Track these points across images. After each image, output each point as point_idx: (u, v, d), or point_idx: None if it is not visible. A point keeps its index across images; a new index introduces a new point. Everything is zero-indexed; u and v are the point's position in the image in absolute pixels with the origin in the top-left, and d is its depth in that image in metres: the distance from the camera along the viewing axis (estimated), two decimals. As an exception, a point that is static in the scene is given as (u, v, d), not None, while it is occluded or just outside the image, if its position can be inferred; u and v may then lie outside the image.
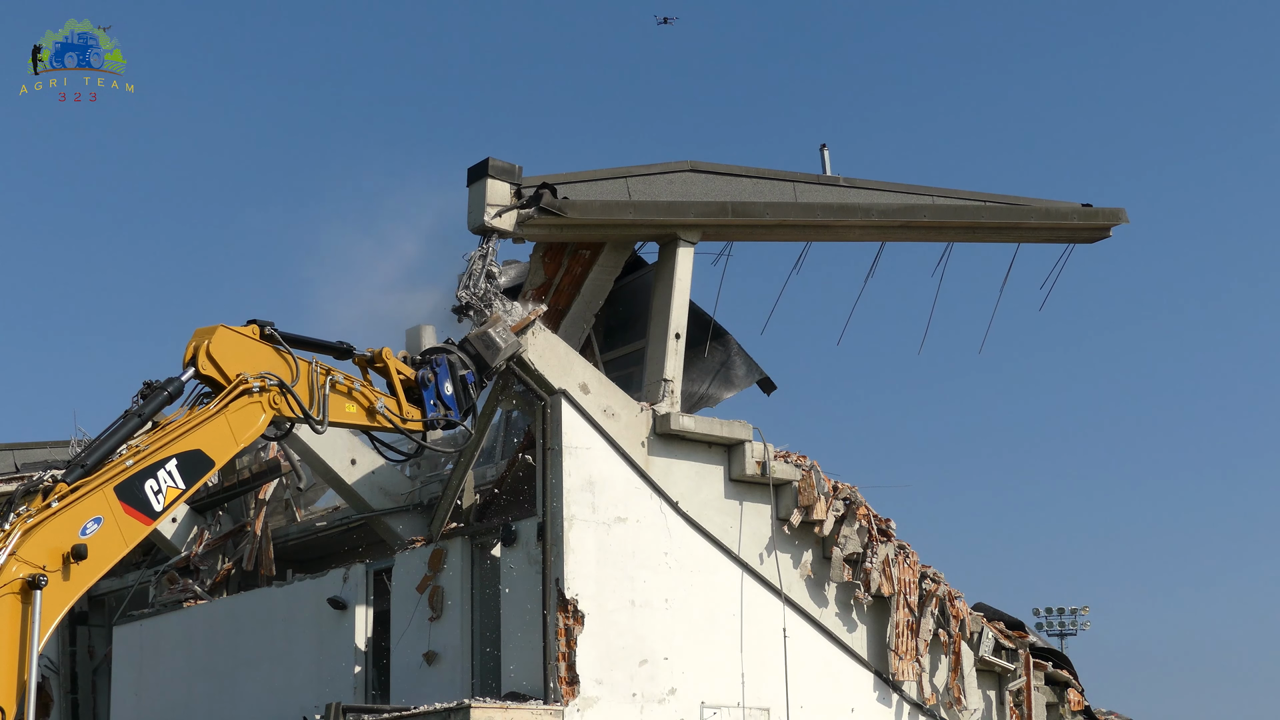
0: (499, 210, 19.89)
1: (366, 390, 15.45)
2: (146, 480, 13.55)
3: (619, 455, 20.23)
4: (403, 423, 15.72)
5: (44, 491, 13.09)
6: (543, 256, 21.66)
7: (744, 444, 21.07)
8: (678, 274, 21.13)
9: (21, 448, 29.83)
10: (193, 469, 13.89)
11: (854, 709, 21.63)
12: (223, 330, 14.44)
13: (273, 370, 14.60)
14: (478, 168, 20.07)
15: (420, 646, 21.21)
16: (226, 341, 14.44)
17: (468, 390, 16.39)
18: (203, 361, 14.27)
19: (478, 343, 16.71)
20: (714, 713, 20.43)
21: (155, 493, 13.57)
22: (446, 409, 16.09)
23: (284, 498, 25.53)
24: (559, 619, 19.41)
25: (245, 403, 14.32)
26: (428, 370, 15.92)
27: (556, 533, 19.64)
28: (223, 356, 14.35)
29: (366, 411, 15.46)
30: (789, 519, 21.33)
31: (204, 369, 14.30)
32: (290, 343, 14.88)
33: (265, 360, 14.67)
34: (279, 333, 14.82)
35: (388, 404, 15.58)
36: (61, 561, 12.86)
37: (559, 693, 19.27)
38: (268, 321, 14.76)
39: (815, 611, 21.55)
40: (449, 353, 16.38)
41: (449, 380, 16.09)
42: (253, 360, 14.57)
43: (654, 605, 20.22)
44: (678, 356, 21.07)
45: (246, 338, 14.64)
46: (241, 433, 14.35)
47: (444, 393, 16.06)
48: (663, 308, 21.15)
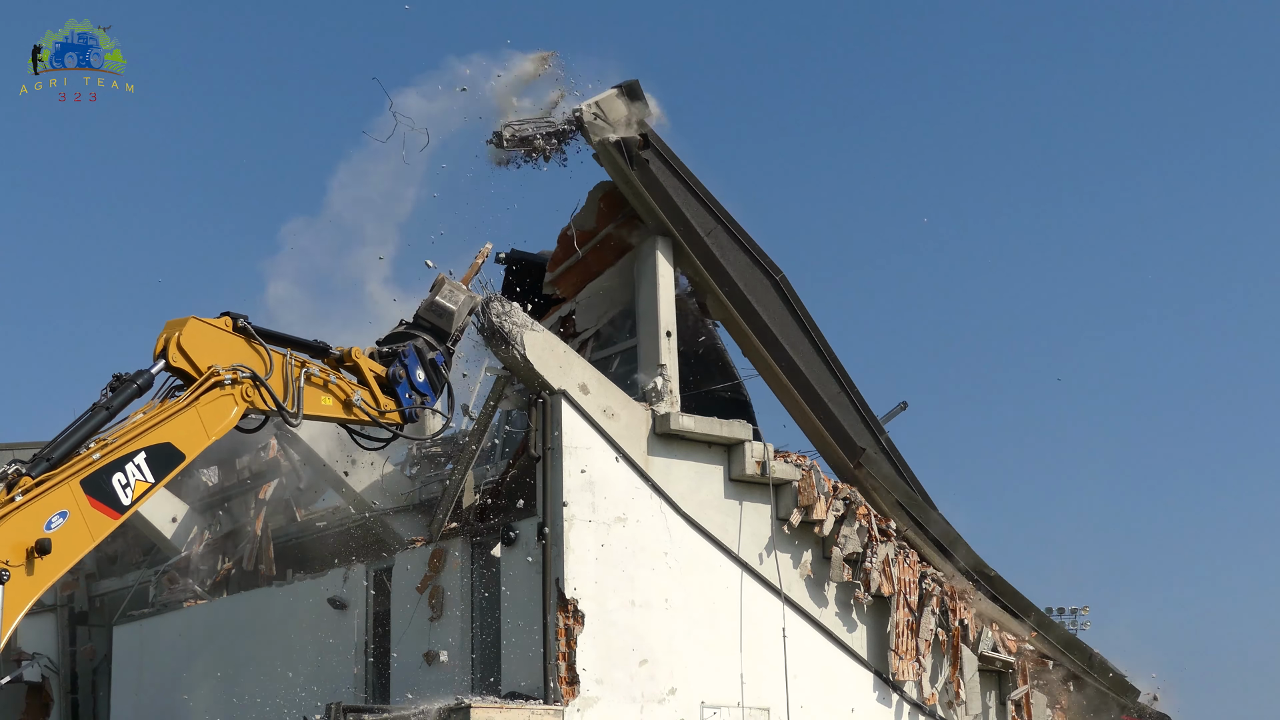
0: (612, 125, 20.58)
1: (343, 383, 15.10)
2: (114, 474, 13.11)
3: (619, 455, 20.23)
4: (380, 415, 15.36)
5: (8, 485, 12.69)
6: (601, 199, 21.70)
7: (744, 444, 21.08)
8: (660, 271, 21.09)
9: (21, 447, 29.80)
10: (163, 462, 13.46)
11: (854, 709, 21.63)
12: (194, 322, 14.07)
13: (245, 363, 14.21)
14: (630, 85, 20.97)
15: (420, 646, 21.21)
16: (198, 333, 14.06)
17: (438, 371, 15.94)
18: (173, 354, 13.87)
19: (429, 315, 16.10)
20: (714, 713, 20.43)
21: (123, 486, 13.15)
22: (423, 396, 15.72)
23: (284, 498, 25.53)
24: (559, 619, 19.41)
25: (217, 395, 13.91)
26: (397, 366, 15.55)
27: (556, 533, 19.65)
28: (194, 348, 13.96)
29: (343, 404, 15.11)
30: (789, 519, 21.33)
31: (175, 361, 13.88)
32: (264, 337, 14.50)
33: (238, 353, 14.28)
34: (252, 326, 14.45)
35: (364, 396, 15.22)
36: (25, 556, 12.56)
37: (559, 693, 19.27)
38: (241, 314, 14.41)
39: (815, 611, 21.56)
40: (413, 338, 15.92)
41: (419, 367, 15.71)
42: (225, 353, 14.18)
43: (654, 605, 20.22)
44: (671, 355, 21.06)
45: (219, 330, 14.26)
46: (213, 425, 13.89)
47: (417, 382, 15.68)
48: (649, 307, 21.10)
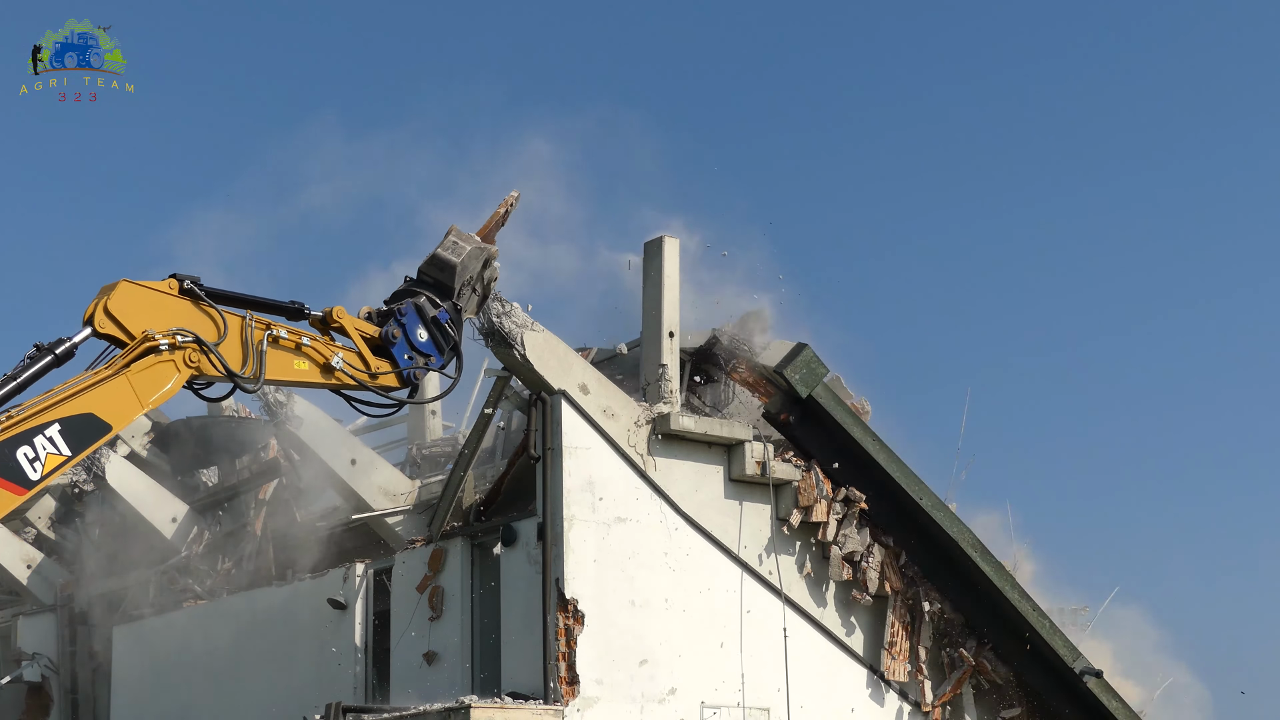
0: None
1: (319, 345, 13.66)
2: (19, 447, 12.12)
3: (619, 455, 20.22)
4: (371, 379, 13.88)
5: None
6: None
7: (744, 444, 21.05)
8: (665, 270, 21.06)
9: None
10: (82, 434, 12.40)
11: (854, 709, 21.62)
12: (125, 284, 12.87)
13: (193, 327, 12.97)
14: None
15: (420, 646, 21.21)
16: (130, 296, 12.85)
17: (443, 329, 14.28)
18: (100, 319, 12.68)
19: (431, 270, 14.41)
20: (714, 713, 20.43)
21: (31, 460, 12.14)
22: (426, 357, 14.16)
23: (284, 498, 25.52)
24: (559, 619, 19.41)
25: (152, 361, 12.75)
26: (392, 326, 14.02)
27: (556, 533, 19.64)
28: (125, 313, 12.77)
29: (322, 368, 13.65)
30: (789, 519, 21.32)
31: (102, 327, 12.71)
32: (222, 300, 13.25)
33: (183, 317, 13.03)
34: (205, 287, 13.19)
35: (347, 358, 13.78)
36: None
37: (559, 693, 19.26)
38: (190, 275, 13.16)
39: (815, 611, 21.53)
40: (415, 295, 14.27)
41: (420, 326, 14.13)
42: (168, 317, 12.97)
43: (654, 605, 20.22)
44: (674, 355, 21.04)
45: (159, 292, 13.04)
46: (147, 394, 12.77)
47: (417, 341, 14.10)
48: (653, 306, 21.09)
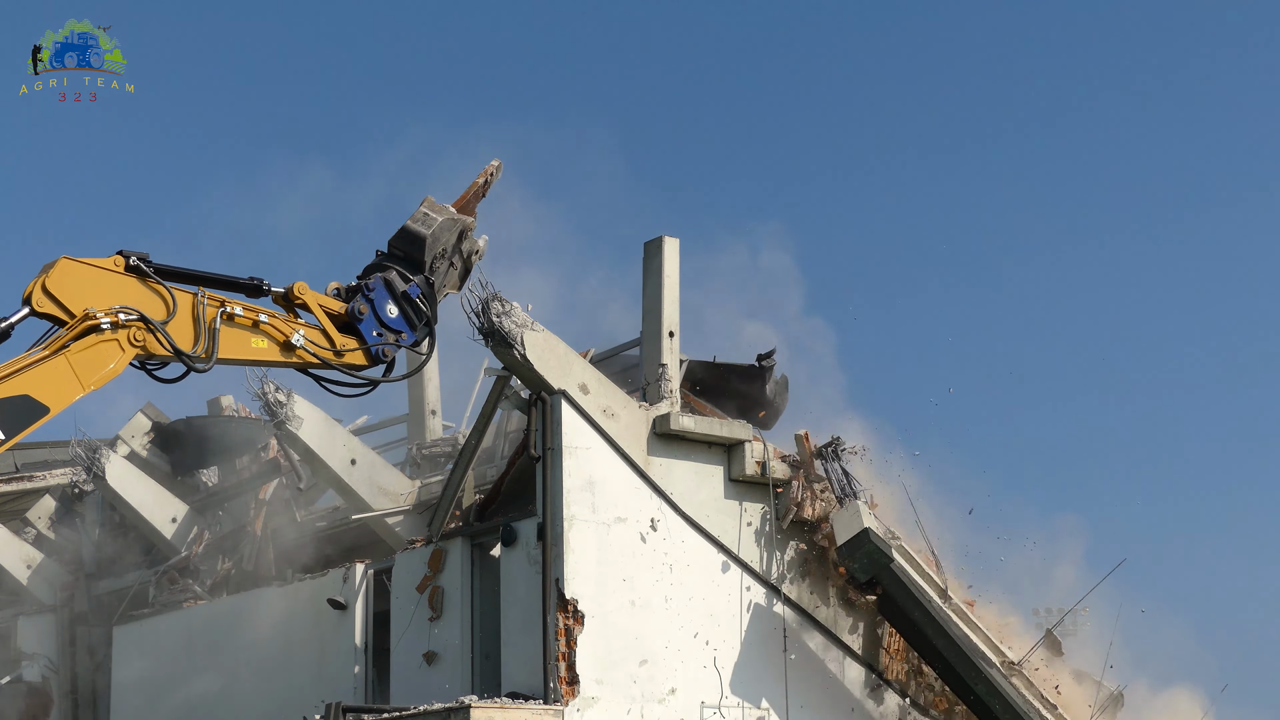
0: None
1: (278, 322, 13.10)
2: None
3: (619, 455, 20.23)
4: (336, 356, 13.31)
5: None
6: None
7: (744, 444, 21.06)
8: (666, 270, 21.08)
9: (21, 447, 29.80)
10: (16, 416, 11.94)
11: (854, 709, 21.63)
12: (65, 261, 12.42)
13: (140, 305, 12.50)
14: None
15: (420, 646, 21.22)
16: (71, 274, 12.39)
17: (415, 304, 13.66)
18: (38, 297, 12.24)
19: (401, 244, 13.82)
20: (714, 713, 20.43)
21: None
22: (396, 333, 13.57)
23: (284, 498, 25.53)
24: (559, 619, 19.42)
25: (94, 341, 12.27)
26: (358, 301, 13.44)
27: (556, 533, 19.65)
28: (65, 291, 12.30)
29: (282, 346, 13.10)
30: (788, 519, 21.32)
31: (40, 306, 12.25)
32: (174, 277, 12.77)
33: (129, 294, 12.57)
34: (153, 264, 12.71)
35: (310, 335, 13.22)
36: None
37: (559, 693, 19.27)
38: (138, 251, 12.70)
39: (815, 611, 21.54)
40: (384, 269, 13.68)
41: (390, 302, 13.54)
42: (112, 294, 12.50)
43: (654, 605, 20.22)
44: (674, 355, 21.06)
45: (102, 269, 12.59)
46: (88, 375, 12.30)
47: (386, 318, 13.51)
48: (654, 306, 21.10)
